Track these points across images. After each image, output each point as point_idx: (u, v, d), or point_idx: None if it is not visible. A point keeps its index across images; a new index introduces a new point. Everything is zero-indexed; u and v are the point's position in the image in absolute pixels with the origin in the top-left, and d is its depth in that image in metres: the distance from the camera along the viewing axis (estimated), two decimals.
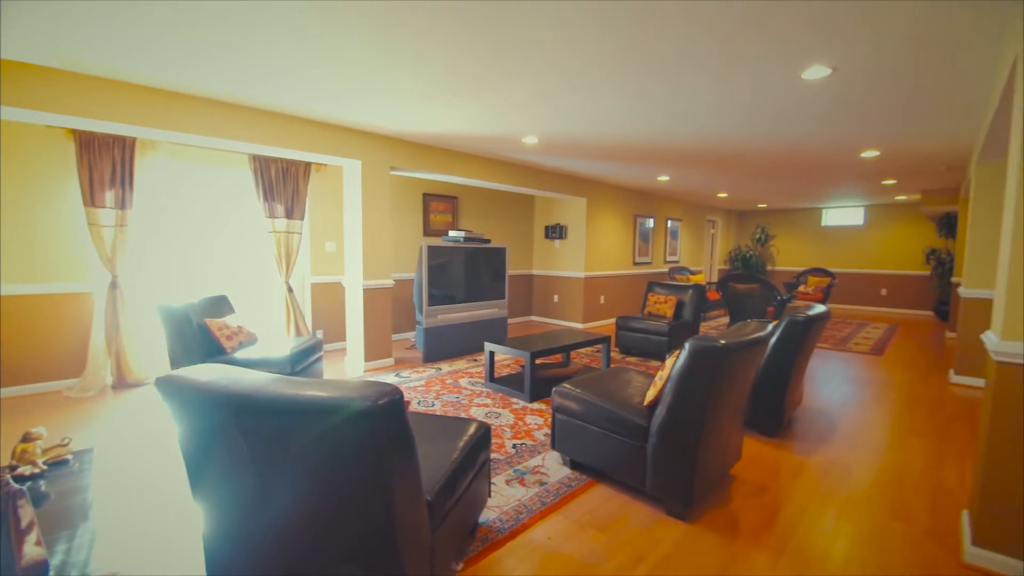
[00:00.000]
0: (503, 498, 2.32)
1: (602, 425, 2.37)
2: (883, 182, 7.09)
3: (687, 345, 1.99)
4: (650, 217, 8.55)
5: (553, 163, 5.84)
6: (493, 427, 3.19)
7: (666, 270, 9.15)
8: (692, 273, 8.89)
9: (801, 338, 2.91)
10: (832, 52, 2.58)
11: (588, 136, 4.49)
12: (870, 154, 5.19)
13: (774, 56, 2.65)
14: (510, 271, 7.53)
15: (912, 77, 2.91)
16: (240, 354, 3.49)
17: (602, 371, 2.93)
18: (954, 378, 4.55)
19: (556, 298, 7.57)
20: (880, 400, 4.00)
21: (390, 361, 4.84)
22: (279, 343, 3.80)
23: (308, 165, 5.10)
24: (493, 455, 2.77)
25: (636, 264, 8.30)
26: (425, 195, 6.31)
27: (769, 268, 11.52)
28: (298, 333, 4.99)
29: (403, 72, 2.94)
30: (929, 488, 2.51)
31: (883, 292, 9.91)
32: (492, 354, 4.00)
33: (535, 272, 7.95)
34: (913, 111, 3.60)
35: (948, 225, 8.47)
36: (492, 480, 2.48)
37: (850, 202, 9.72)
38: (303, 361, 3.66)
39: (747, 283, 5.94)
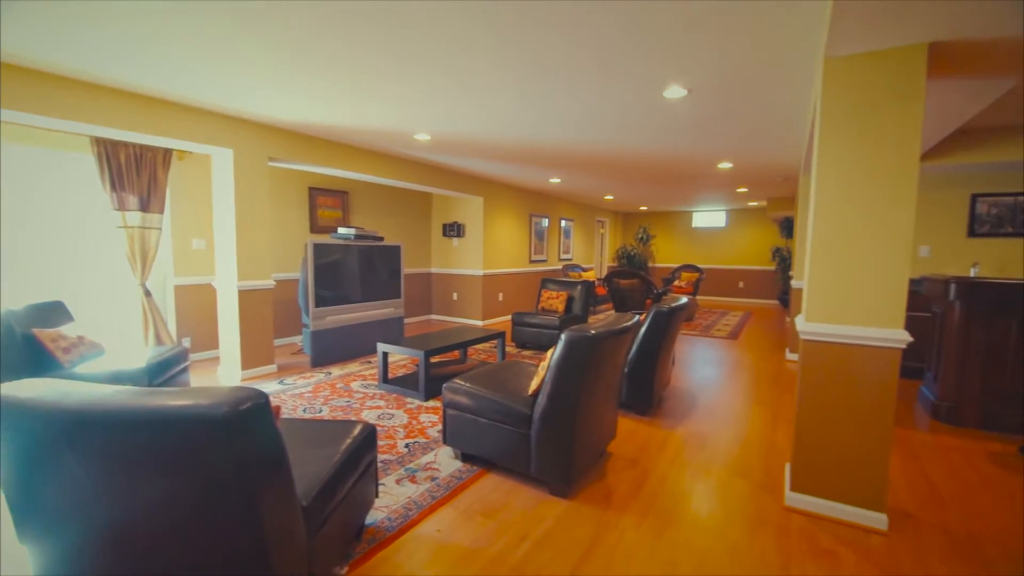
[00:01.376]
0: (392, 497, 2.30)
1: (491, 416, 2.46)
2: (738, 190, 8.18)
3: (563, 336, 2.14)
4: (545, 217, 8.94)
5: (448, 161, 5.85)
6: (385, 428, 3.14)
7: (560, 267, 9.64)
8: (584, 270, 9.47)
9: (666, 326, 3.27)
10: (687, 76, 2.93)
11: (481, 137, 4.58)
12: (725, 165, 5.96)
13: (640, 76, 2.94)
14: (407, 269, 7.40)
15: (749, 101, 3.41)
16: (83, 368, 3.01)
17: (494, 365, 3.02)
18: (789, 356, 5.43)
19: (455, 296, 7.60)
20: (733, 377, 4.63)
21: (272, 368, 4.50)
22: (134, 354, 3.34)
23: (168, 152, 4.53)
24: (384, 456, 2.73)
25: (532, 262, 8.63)
26: (311, 189, 5.95)
27: (651, 265, 12.67)
28: (159, 342, 4.42)
29: (280, 60, 2.76)
30: (764, 448, 2.98)
31: (740, 285, 11.42)
32: (385, 355, 3.92)
33: (434, 270, 7.89)
34: (753, 130, 4.22)
35: (788, 227, 10.04)
36: (381, 481, 2.45)
37: (714, 207, 11.05)
38: (164, 373, 3.26)
39: (629, 279, 6.49)
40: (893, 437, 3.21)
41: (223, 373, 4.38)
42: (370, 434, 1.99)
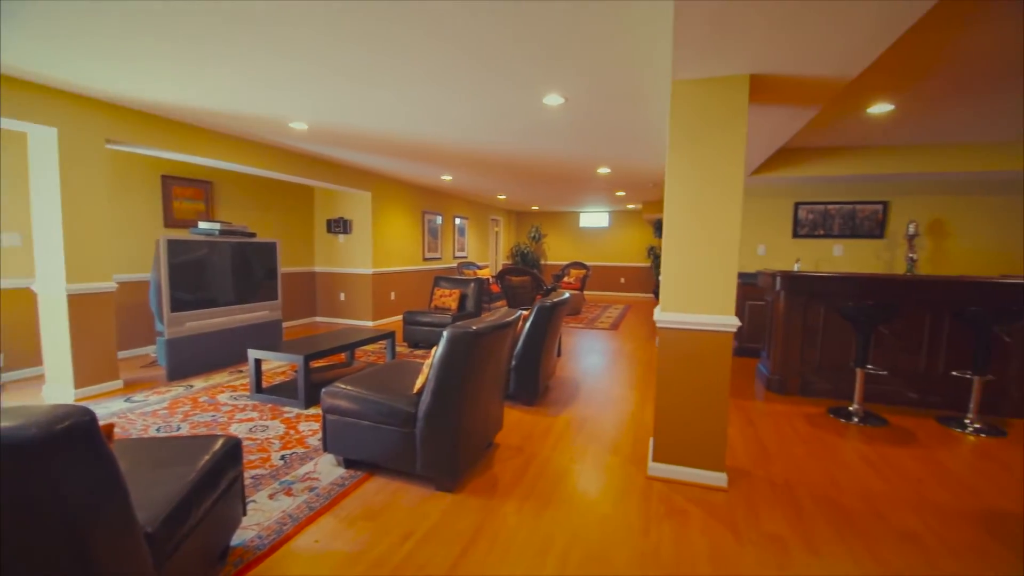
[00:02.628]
0: (264, 514, 2.14)
1: (374, 418, 2.40)
2: (617, 193, 8.89)
3: (445, 333, 2.17)
4: (439, 214, 8.87)
5: (331, 153, 5.54)
6: (258, 441, 2.89)
7: (455, 265, 9.64)
8: (479, 268, 9.58)
9: (548, 320, 3.47)
10: (564, 85, 3.12)
11: (364, 130, 4.40)
12: (604, 171, 6.45)
13: (522, 82, 3.06)
14: (286, 268, 6.86)
15: (621, 113, 3.73)
16: None
17: (379, 366, 2.95)
18: (658, 343, 6.06)
19: (343, 296, 7.22)
20: (612, 365, 5.05)
21: (117, 384, 3.89)
22: None
23: None
24: (256, 471, 2.52)
25: (426, 260, 8.52)
26: (166, 178, 5.23)
27: (543, 262, 13.23)
28: None
29: (111, 25, 2.38)
30: (635, 426, 3.31)
31: (622, 280, 12.44)
32: (258, 362, 3.60)
33: (318, 269, 7.41)
34: (627, 139, 4.62)
35: (660, 228, 11.17)
36: (252, 497, 2.26)
37: (598, 208, 11.89)
38: None
39: (520, 276, 6.73)
40: (735, 407, 3.76)
41: (50, 393, 3.68)
42: (233, 448, 1.83)
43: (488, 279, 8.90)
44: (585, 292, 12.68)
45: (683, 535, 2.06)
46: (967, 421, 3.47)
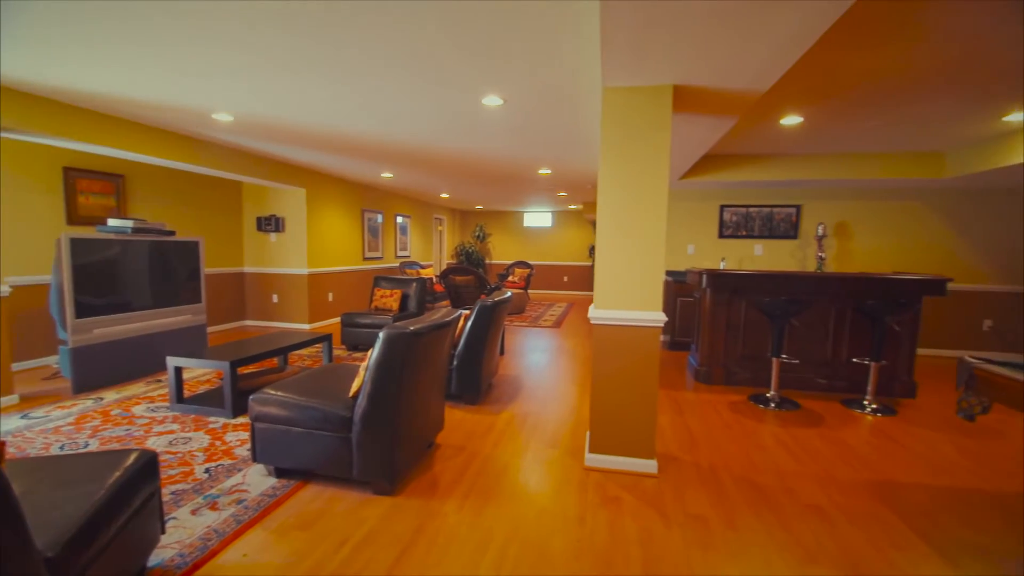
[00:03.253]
0: (186, 531, 2.01)
1: (308, 424, 2.31)
2: (558, 194, 9.08)
3: (381, 334, 2.14)
4: (379, 213, 8.66)
5: (260, 147, 5.25)
6: (179, 455, 2.71)
7: (398, 265, 9.45)
8: (422, 267, 9.45)
9: (490, 319, 3.50)
10: (502, 87, 3.15)
11: (296, 124, 4.22)
12: (545, 172, 6.57)
13: (461, 83, 3.06)
14: (211, 269, 6.44)
15: (559, 116, 3.82)
16: None
17: (313, 370, 2.85)
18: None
19: (275, 298, 6.87)
20: (555, 362, 5.17)
21: (12, 399, 3.49)
22: None
23: None
24: (177, 486, 2.36)
25: (367, 259, 8.29)
26: (68, 170, 4.75)
27: (488, 261, 13.26)
28: None
29: None
30: (574, 421, 3.41)
31: (565, 279, 12.73)
32: (179, 370, 3.36)
33: (248, 269, 7.01)
34: (565, 141, 4.73)
35: None
36: (172, 514, 2.12)
37: (542, 208, 12.09)
38: None
39: (464, 275, 6.72)
40: (667, 398, 3.98)
41: None
42: (148, 463, 1.71)
43: (431, 279, 8.81)
44: (529, 291, 12.86)
45: (616, 521, 2.16)
46: (865, 402, 3.88)
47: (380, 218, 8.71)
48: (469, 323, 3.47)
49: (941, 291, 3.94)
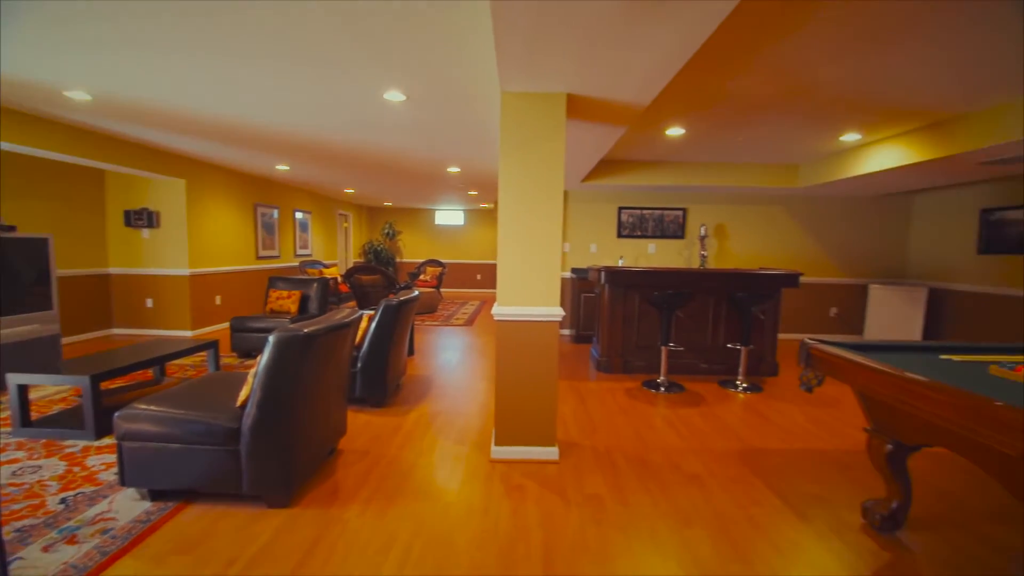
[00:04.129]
0: (36, 570, 1.74)
1: (187, 440, 2.11)
2: (469, 192, 9.12)
3: (270, 338, 2.02)
4: (275, 208, 8.05)
5: (128, 131, 4.64)
6: (26, 485, 2.33)
7: (297, 264, 8.87)
8: (326, 266, 8.96)
9: (395, 319, 3.44)
10: (403, 82, 3.11)
11: (172, 107, 3.80)
12: (454, 170, 6.57)
13: (362, 75, 2.97)
14: (66, 271, 5.56)
15: (464, 115, 3.85)
16: None
17: (193, 381, 2.60)
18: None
19: (150, 303, 6.12)
20: (466, 359, 5.20)
21: None
22: None
23: None
24: (23, 521, 2.03)
25: (261, 258, 7.67)
26: None
27: (399, 260, 12.93)
28: None
29: None
30: (483, 416, 3.47)
31: (478, 277, 12.81)
32: (22, 389, 2.88)
33: (114, 271, 6.15)
34: (472, 140, 4.78)
35: None
36: (17, 555, 1.82)
37: (454, 206, 12.04)
38: None
39: (371, 274, 6.49)
40: (571, 388, 4.20)
41: None
42: None
43: (336, 279, 8.39)
44: (442, 289, 12.75)
45: (519, 508, 2.25)
46: (738, 382, 4.41)
47: (276, 213, 8.11)
48: (373, 324, 3.38)
49: (795, 283, 4.59)
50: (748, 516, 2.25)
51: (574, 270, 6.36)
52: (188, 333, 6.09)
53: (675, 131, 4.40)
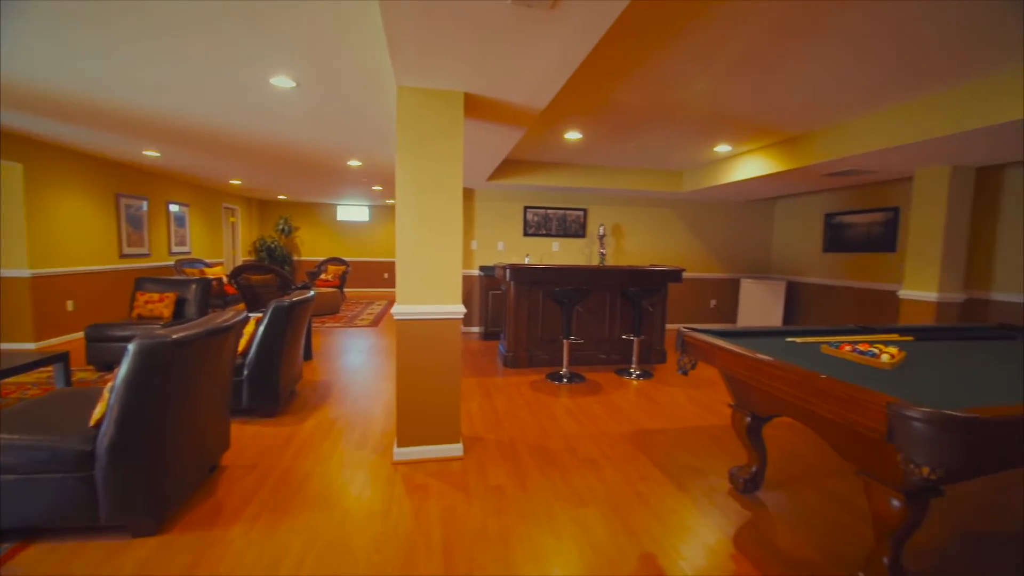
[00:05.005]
0: None
1: (25, 468, 1.80)
2: (374, 187, 8.78)
3: (131, 346, 1.79)
4: (143, 199, 7.10)
5: None
6: None
7: (172, 263, 7.90)
8: (208, 266, 8.10)
9: (287, 321, 3.22)
10: (292, 68, 2.91)
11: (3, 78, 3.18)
12: (355, 163, 6.28)
13: (241, 55, 2.72)
14: None
15: (362, 106, 3.69)
16: None
17: (33, 401, 2.22)
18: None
19: None
20: (369, 362, 5.02)
21: None
22: None
23: None
24: None
25: (125, 257, 6.72)
26: None
27: (296, 259, 12.07)
28: None
29: None
30: (385, 418, 3.38)
31: (386, 276, 12.39)
32: None
33: None
34: (373, 133, 4.60)
35: None
36: None
37: (357, 201, 11.51)
38: None
39: (262, 274, 5.98)
40: (477, 384, 4.24)
41: None
42: None
43: (221, 279, 7.63)
44: (345, 289, 12.16)
45: (421, 507, 2.24)
46: (632, 370, 4.77)
47: (145, 206, 7.15)
48: (262, 327, 3.13)
49: (678, 279, 5.07)
50: (636, 491, 2.45)
51: (482, 268, 6.42)
52: (30, 345, 5.16)
53: (573, 135, 4.62)
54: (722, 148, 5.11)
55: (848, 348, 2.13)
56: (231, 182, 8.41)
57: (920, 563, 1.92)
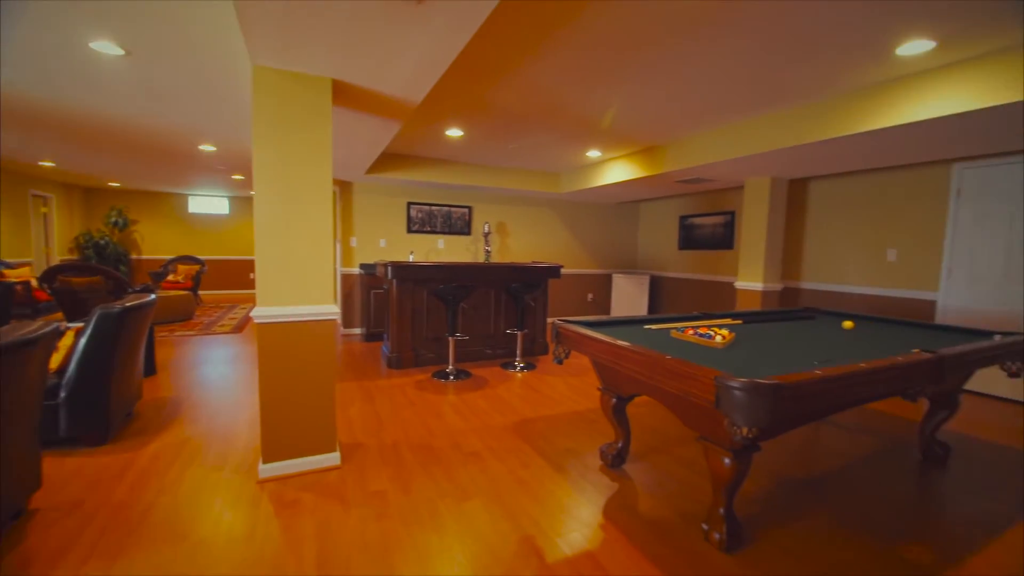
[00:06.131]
0: None
1: None
2: (233, 176, 7.85)
3: None
4: None
5: None
6: None
7: None
8: (10, 267, 6.55)
9: (118, 331, 2.73)
10: (117, 32, 2.47)
11: None
12: (208, 148, 5.55)
13: (54, 14, 2.23)
14: None
15: (206, 82, 3.27)
16: None
17: None
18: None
19: None
20: (230, 372, 4.49)
21: None
22: None
23: None
24: None
25: None
26: None
27: (135, 257, 10.31)
28: None
29: None
30: (248, 433, 3.06)
31: (252, 276, 11.17)
32: None
33: None
34: (223, 113, 4.10)
35: None
36: None
37: (215, 191, 10.18)
38: None
39: (86, 275, 5.00)
40: (358, 388, 4.05)
41: None
42: None
43: (27, 282, 6.23)
44: (201, 292, 10.74)
45: (292, 524, 2.07)
46: (516, 363, 4.93)
47: None
48: (83, 339, 2.62)
49: (557, 275, 5.36)
50: (517, 479, 2.54)
51: (363, 266, 6.13)
52: None
53: (454, 132, 4.63)
54: (593, 153, 5.52)
55: (691, 332, 2.45)
56: (41, 163, 6.88)
57: (748, 509, 2.29)
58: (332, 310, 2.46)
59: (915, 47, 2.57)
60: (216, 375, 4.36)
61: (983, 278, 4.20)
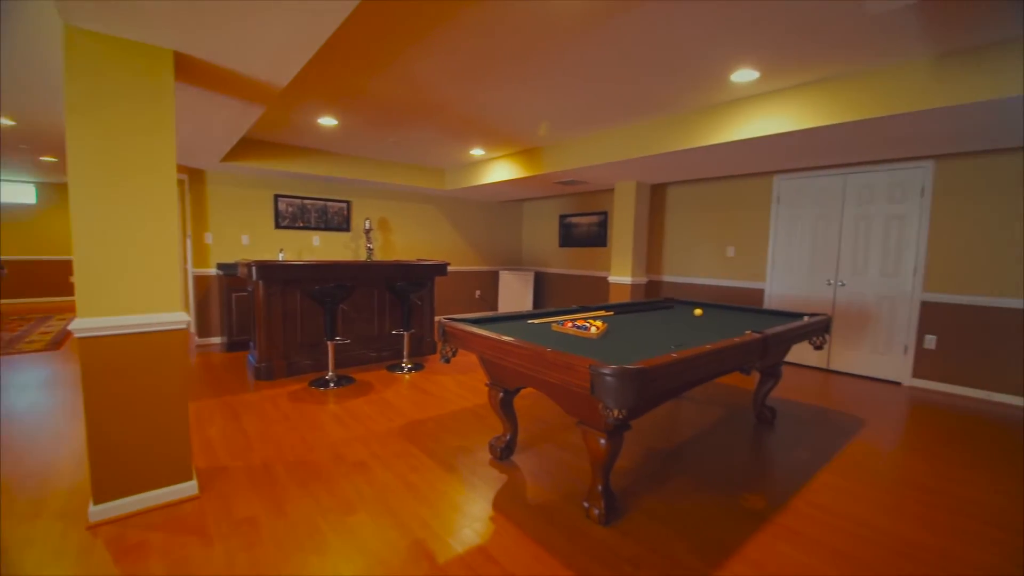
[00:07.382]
0: None
1: None
2: (43, 158, 6.43)
3: None
4: None
5: None
6: None
7: None
8: None
9: None
10: None
11: None
12: (7, 122, 4.46)
13: None
14: None
15: None
16: None
17: None
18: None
19: None
20: (44, 400, 3.67)
21: None
22: None
23: None
24: None
25: None
26: None
27: None
28: None
29: None
30: (73, 472, 2.54)
31: (72, 280, 9.25)
32: None
33: None
34: (25, 79, 3.32)
35: None
36: None
37: (16, 176, 8.21)
38: None
39: None
40: (221, 404, 3.59)
41: None
42: None
43: None
44: (3, 300, 8.64)
45: (138, 570, 1.76)
46: (404, 364, 4.78)
47: None
48: None
49: (444, 272, 5.31)
50: (407, 484, 2.47)
51: (220, 266, 5.43)
52: None
53: (328, 120, 4.32)
54: (477, 152, 5.56)
55: (569, 325, 2.61)
56: None
57: (623, 483, 2.51)
58: (180, 318, 2.13)
59: (744, 75, 3.03)
60: (23, 404, 3.53)
61: (795, 270, 5.14)
